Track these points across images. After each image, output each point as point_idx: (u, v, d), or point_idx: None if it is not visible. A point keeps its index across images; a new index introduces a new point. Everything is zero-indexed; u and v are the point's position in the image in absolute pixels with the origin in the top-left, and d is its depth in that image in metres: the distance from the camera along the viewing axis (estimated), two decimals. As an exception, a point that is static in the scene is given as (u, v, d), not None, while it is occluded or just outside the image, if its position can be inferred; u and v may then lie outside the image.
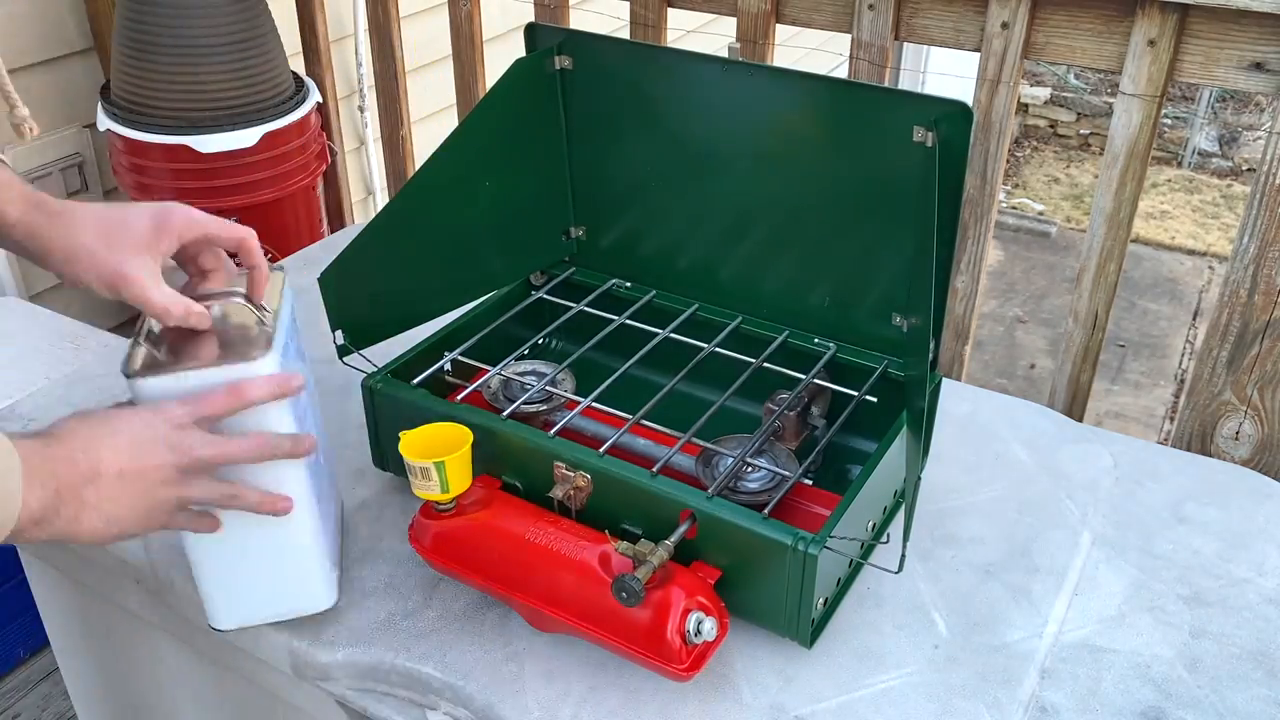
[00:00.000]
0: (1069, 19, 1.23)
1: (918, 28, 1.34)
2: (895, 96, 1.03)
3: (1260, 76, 1.14)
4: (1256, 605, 1.00)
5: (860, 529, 0.97)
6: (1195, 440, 1.29)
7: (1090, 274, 1.31)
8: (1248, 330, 1.20)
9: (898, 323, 1.10)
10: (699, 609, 0.85)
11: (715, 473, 0.99)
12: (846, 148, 1.05)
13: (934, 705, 0.89)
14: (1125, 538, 1.08)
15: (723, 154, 1.13)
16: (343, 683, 0.96)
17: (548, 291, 1.26)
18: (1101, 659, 0.94)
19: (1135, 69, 1.19)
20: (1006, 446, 1.21)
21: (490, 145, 1.14)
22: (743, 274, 1.19)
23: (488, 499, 0.97)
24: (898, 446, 0.99)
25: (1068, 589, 1.02)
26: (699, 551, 0.92)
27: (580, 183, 1.25)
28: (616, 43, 1.17)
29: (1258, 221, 1.16)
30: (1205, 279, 4.86)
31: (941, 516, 1.10)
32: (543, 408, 1.08)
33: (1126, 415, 3.87)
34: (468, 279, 1.19)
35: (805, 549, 0.85)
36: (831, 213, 1.10)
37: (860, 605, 0.99)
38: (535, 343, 1.23)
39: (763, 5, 1.41)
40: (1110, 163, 1.26)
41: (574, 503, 0.97)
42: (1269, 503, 1.13)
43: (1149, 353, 4.25)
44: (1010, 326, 4.41)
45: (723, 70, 1.09)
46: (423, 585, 1.01)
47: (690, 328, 1.18)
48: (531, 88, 1.16)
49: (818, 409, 1.10)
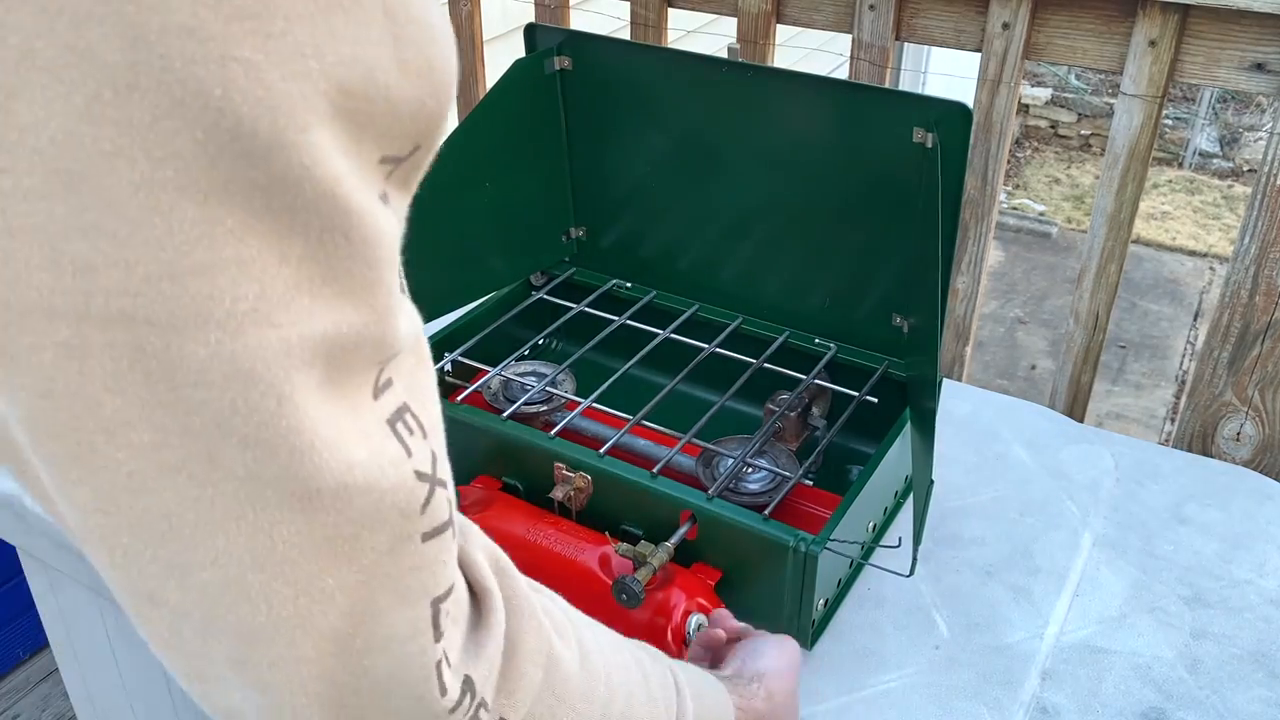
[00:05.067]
0: (1070, 19, 1.23)
1: (918, 28, 1.34)
2: (895, 97, 1.03)
3: (1261, 77, 1.14)
4: (1257, 606, 1.00)
5: (860, 530, 0.96)
6: (1196, 441, 1.29)
7: (1091, 275, 1.31)
8: (1249, 331, 1.20)
9: (898, 323, 1.10)
10: (699, 610, 0.85)
11: (716, 473, 0.99)
12: (847, 148, 1.05)
13: (934, 706, 0.89)
14: (1126, 538, 1.08)
15: (723, 154, 1.13)
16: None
17: (548, 292, 1.26)
18: (1102, 660, 0.94)
19: (1136, 69, 1.19)
20: (1007, 447, 1.21)
21: (490, 146, 1.14)
22: (743, 274, 1.18)
23: (488, 500, 0.97)
24: (898, 447, 0.99)
25: (1068, 590, 1.02)
26: (700, 553, 0.92)
27: (580, 183, 1.25)
28: (616, 43, 1.17)
29: (1258, 222, 1.16)
30: (1206, 280, 4.86)
31: (942, 517, 1.10)
32: (543, 408, 1.08)
33: (1127, 416, 3.87)
34: (468, 279, 1.19)
35: (806, 550, 0.85)
36: (832, 213, 1.10)
37: (861, 606, 0.99)
38: (536, 343, 1.23)
39: (763, 5, 1.41)
40: (1111, 163, 1.25)
41: (574, 504, 0.97)
42: (1270, 504, 1.13)
43: (1150, 354, 4.25)
44: (1011, 327, 4.41)
45: (723, 71, 1.09)
46: (423, 586, 1.01)
47: (691, 328, 1.18)
48: (531, 88, 1.16)
49: (818, 410, 1.10)
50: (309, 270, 0.33)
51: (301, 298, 0.33)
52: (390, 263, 0.36)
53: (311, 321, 0.33)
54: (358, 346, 0.35)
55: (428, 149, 0.38)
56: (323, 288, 0.34)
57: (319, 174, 0.32)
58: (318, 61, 0.32)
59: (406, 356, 0.39)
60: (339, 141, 0.33)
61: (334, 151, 0.33)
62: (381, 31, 0.33)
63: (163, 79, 0.30)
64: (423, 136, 0.37)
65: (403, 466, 0.37)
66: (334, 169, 0.33)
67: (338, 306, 0.34)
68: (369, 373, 0.36)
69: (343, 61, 0.32)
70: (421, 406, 0.40)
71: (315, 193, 0.32)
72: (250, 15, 0.30)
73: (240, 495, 0.33)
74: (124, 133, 0.30)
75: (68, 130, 0.29)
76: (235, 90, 0.30)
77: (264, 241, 0.32)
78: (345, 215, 0.33)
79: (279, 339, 0.33)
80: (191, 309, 0.31)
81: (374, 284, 0.35)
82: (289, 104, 0.31)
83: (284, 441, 0.33)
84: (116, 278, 0.31)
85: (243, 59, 0.30)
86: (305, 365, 0.33)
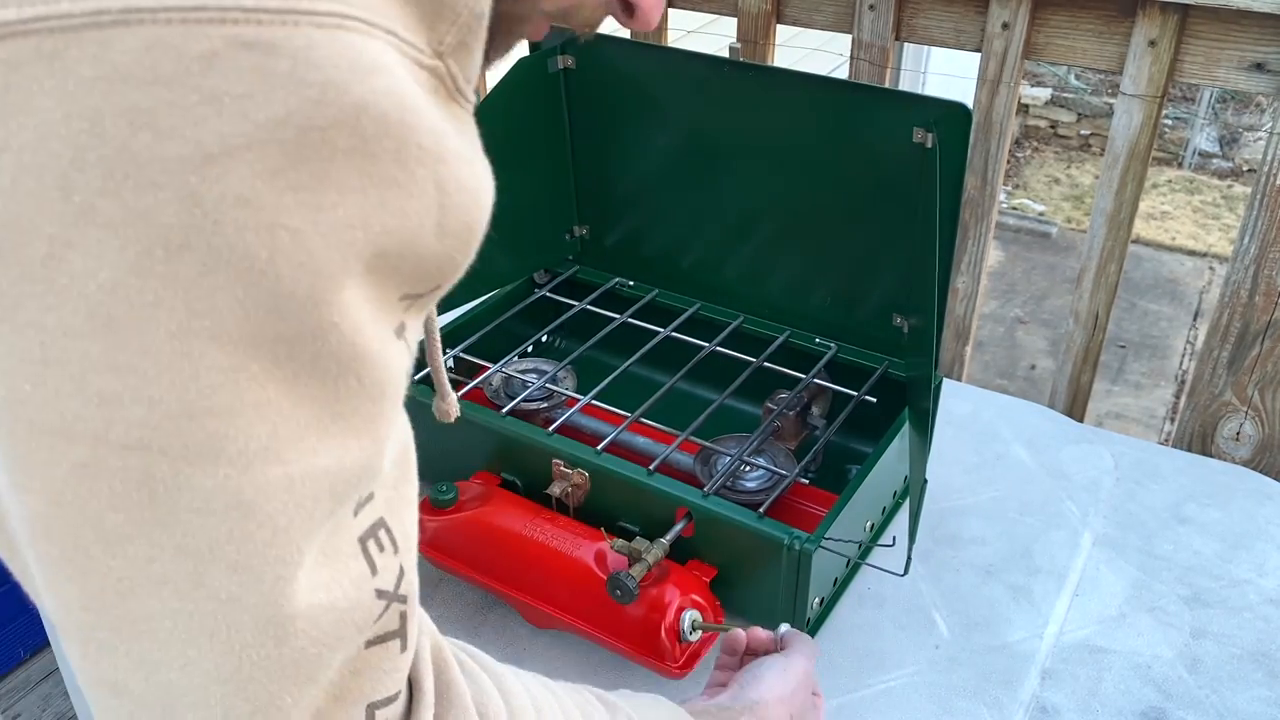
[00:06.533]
0: (1070, 19, 1.23)
1: (918, 28, 1.34)
2: (895, 97, 1.03)
3: (1261, 77, 1.14)
4: (1257, 606, 1.00)
5: (857, 529, 0.97)
6: (1196, 441, 1.29)
7: (1091, 274, 1.31)
8: (1248, 331, 1.20)
9: (898, 323, 1.10)
10: (694, 607, 0.85)
11: (713, 471, 0.99)
12: (847, 148, 1.05)
13: (934, 705, 0.89)
14: (1126, 538, 1.08)
15: (724, 154, 1.13)
16: (342, 681, 0.96)
17: (551, 290, 1.26)
18: (1102, 659, 0.94)
19: (1136, 69, 1.19)
20: (1007, 447, 1.21)
21: (494, 144, 1.13)
22: (744, 273, 1.19)
23: (486, 495, 0.98)
24: (896, 447, 0.99)
25: (1068, 589, 1.02)
26: (695, 550, 0.92)
27: (584, 182, 1.25)
28: (620, 43, 1.17)
29: (1258, 222, 1.16)
30: (1206, 280, 4.86)
31: (942, 517, 1.10)
32: (543, 405, 1.08)
33: (1127, 416, 3.87)
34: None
35: (800, 548, 0.85)
36: (832, 213, 1.10)
37: (860, 605, 0.99)
38: (538, 340, 1.23)
39: (763, 5, 1.41)
40: (1111, 163, 1.25)
41: (572, 500, 0.97)
42: (1269, 503, 1.13)
43: (1149, 353, 4.25)
44: (1011, 327, 4.41)
45: (724, 71, 1.09)
46: (423, 585, 1.00)
47: (692, 327, 1.18)
48: (535, 87, 1.16)
49: (818, 409, 1.10)
50: (319, 410, 0.34)
51: (310, 436, 0.34)
52: (396, 395, 0.38)
53: (316, 458, 0.35)
54: (357, 477, 0.37)
55: (449, 285, 0.40)
56: (331, 425, 0.35)
57: (345, 327, 0.34)
58: (363, 232, 0.33)
59: (392, 470, 0.40)
60: (365, 293, 0.34)
61: (360, 303, 0.34)
62: (429, 203, 0.35)
63: (213, 241, 0.31)
64: (445, 278, 0.39)
65: (364, 586, 0.38)
66: (357, 319, 0.34)
67: (343, 442, 0.35)
68: (357, 493, 0.38)
69: (387, 231, 0.34)
70: (398, 520, 0.40)
71: (339, 343, 0.34)
72: (304, 188, 0.32)
73: (218, 615, 0.34)
74: (168, 286, 0.31)
75: (116, 280, 0.31)
76: (280, 255, 0.32)
77: (282, 388, 0.33)
78: (361, 361, 0.35)
79: (284, 475, 0.34)
80: (206, 445, 0.32)
81: (377, 417, 0.36)
82: (329, 269, 0.33)
83: (270, 570, 0.35)
84: (139, 412, 0.32)
85: (291, 228, 0.32)
86: (306, 499, 0.35)
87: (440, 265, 0.37)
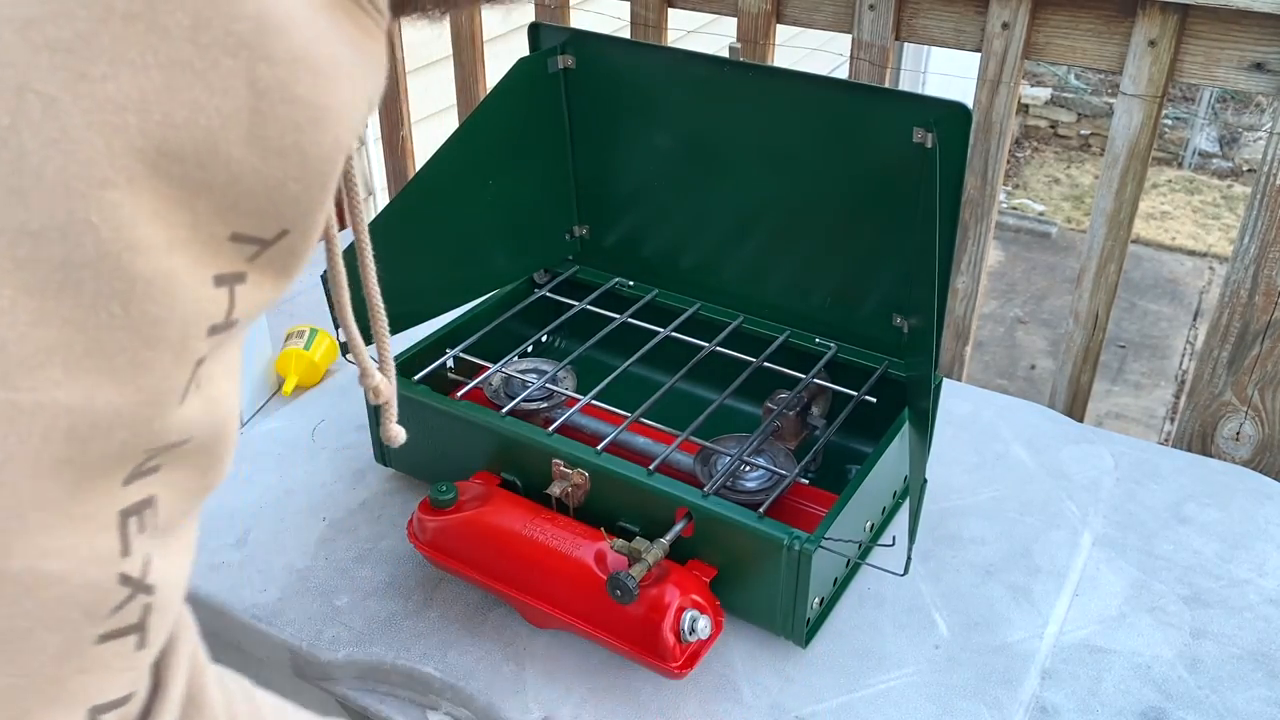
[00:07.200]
0: (1069, 19, 1.23)
1: (918, 28, 1.34)
2: (895, 97, 1.03)
3: (1260, 77, 1.14)
4: (1257, 606, 1.00)
5: (857, 529, 0.97)
6: (1196, 441, 1.29)
7: (1090, 274, 1.31)
8: (1248, 331, 1.20)
9: (898, 323, 1.10)
10: (693, 607, 0.86)
11: (713, 471, 0.99)
12: (847, 148, 1.05)
13: (934, 705, 0.89)
14: (1126, 538, 1.08)
15: (724, 154, 1.13)
16: (344, 682, 0.96)
17: (550, 290, 1.26)
18: (1102, 659, 0.94)
19: (1136, 69, 1.19)
20: (1007, 447, 1.21)
21: (493, 144, 1.14)
22: (744, 273, 1.19)
23: (486, 495, 0.98)
24: (896, 447, 0.99)
25: (1068, 589, 1.02)
26: (695, 550, 0.92)
27: (583, 182, 1.25)
28: (619, 42, 1.17)
29: (1258, 222, 1.16)
30: (1206, 280, 4.86)
31: (942, 516, 1.10)
32: (543, 405, 1.08)
33: (1127, 416, 3.87)
34: (471, 277, 1.19)
35: (800, 548, 0.85)
36: (832, 213, 1.10)
37: (860, 605, 0.99)
38: (538, 340, 1.23)
39: (763, 5, 1.41)
40: (1111, 163, 1.25)
41: (571, 500, 0.97)
42: (1269, 503, 1.13)
43: (1149, 353, 4.25)
44: (1011, 327, 4.41)
45: (724, 71, 1.09)
46: (424, 585, 1.01)
47: (692, 327, 1.18)
48: (534, 87, 1.16)
49: (818, 409, 1.10)
50: (70, 337, 0.29)
51: (53, 367, 0.29)
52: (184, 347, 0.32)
53: (56, 391, 0.30)
54: (111, 428, 0.31)
55: (303, 235, 0.34)
56: (83, 359, 0.30)
57: (106, 234, 0.29)
58: (138, 117, 0.29)
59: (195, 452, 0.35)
60: (152, 205, 0.30)
61: (138, 215, 0.29)
62: (237, 104, 0.30)
63: None
64: (291, 221, 0.34)
65: (108, 565, 0.33)
66: (131, 234, 0.29)
67: (96, 382, 0.30)
68: (124, 457, 0.33)
69: (172, 124, 0.29)
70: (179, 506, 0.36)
71: (96, 252, 0.29)
72: (65, 49, 0.27)
73: None
74: None
75: None
76: (26, 124, 0.27)
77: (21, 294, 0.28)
78: (129, 284, 0.30)
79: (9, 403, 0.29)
80: None
81: (147, 364, 0.31)
82: (87, 153, 0.28)
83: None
84: None
85: (45, 94, 0.27)
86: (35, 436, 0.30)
87: (270, 193, 0.32)
